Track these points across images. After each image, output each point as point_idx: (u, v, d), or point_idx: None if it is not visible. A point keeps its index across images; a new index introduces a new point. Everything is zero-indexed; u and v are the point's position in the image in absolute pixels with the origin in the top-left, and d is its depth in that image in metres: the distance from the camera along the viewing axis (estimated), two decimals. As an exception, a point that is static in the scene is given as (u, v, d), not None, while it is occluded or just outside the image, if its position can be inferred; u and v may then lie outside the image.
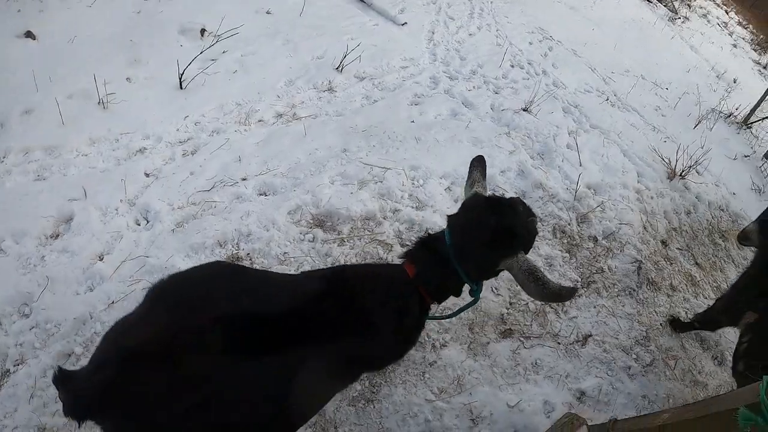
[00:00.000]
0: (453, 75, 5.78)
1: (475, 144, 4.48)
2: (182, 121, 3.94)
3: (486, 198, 1.98)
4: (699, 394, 3.38)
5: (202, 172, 3.51)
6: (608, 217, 4.31)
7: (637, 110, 7.02)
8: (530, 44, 7.52)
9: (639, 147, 5.70)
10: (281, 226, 3.18)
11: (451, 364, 2.86)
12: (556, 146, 4.90)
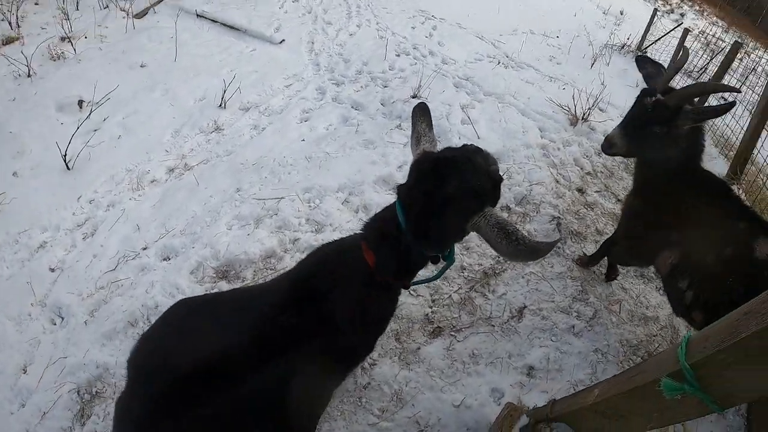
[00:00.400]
0: (339, 80, 5.76)
1: (366, 147, 4.47)
2: (76, 203, 3.83)
3: (436, 158, 1.70)
4: (652, 328, 3.39)
5: (104, 252, 3.41)
6: (517, 182, 4.36)
7: (532, 65, 7.16)
8: (413, 29, 7.57)
9: (537, 102, 5.80)
10: (185, 290, 3.09)
11: (385, 381, 2.80)
12: (450, 125, 4.93)
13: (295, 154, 4.33)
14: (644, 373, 1.53)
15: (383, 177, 4.07)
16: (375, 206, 3.75)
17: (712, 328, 1.31)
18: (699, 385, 1.29)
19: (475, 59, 6.87)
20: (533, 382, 2.96)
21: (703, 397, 1.30)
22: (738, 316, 1.21)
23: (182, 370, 1.47)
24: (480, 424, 2.66)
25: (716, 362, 1.24)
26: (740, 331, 1.15)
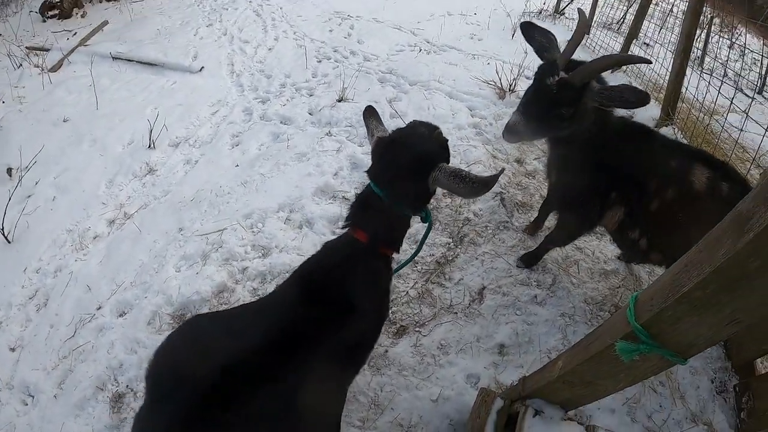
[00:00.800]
0: (264, 98, 5.71)
1: (299, 160, 4.45)
2: (23, 275, 3.74)
3: (388, 138, 2.01)
4: (614, 281, 3.48)
5: (60, 320, 3.35)
6: (454, 165, 4.44)
7: (454, 46, 7.20)
8: (331, 32, 7.52)
9: (463, 82, 5.87)
10: (146, 342, 3.06)
11: (360, 391, 2.81)
12: (384, 118, 4.91)
13: (230, 181, 4.31)
14: (599, 339, 1.58)
15: (320, 188, 4.08)
16: (317, 219, 3.78)
17: (655, 286, 1.34)
18: (655, 342, 1.32)
19: (396, 51, 6.88)
20: (507, 359, 3.02)
21: (662, 352, 1.34)
22: (678, 269, 1.24)
23: (204, 379, 1.52)
24: (461, 412, 2.70)
25: (666, 318, 1.27)
26: (683, 284, 1.17)
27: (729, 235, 1.05)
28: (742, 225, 1.01)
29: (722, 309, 1.14)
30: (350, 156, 4.43)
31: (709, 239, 1.14)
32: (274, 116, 5.25)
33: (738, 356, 3.13)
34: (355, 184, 4.16)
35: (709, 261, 1.08)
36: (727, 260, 1.02)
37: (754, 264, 1.00)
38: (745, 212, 1.02)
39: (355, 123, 4.95)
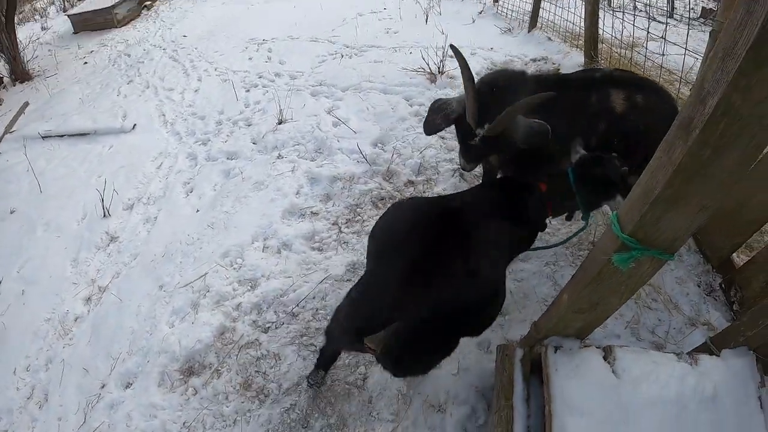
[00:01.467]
0: (204, 139, 5.64)
1: (258, 189, 4.42)
2: (14, 377, 3.59)
3: (591, 156, 2.51)
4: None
5: (66, 411, 3.22)
6: (407, 155, 4.51)
7: (373, 44, 7.29)
8: (251, 59, 7.51)
9: (393, 76, 5.95)
10: (162, 404, 3.01)
11: (383, 387, 2.82)
12: (324, 133, 4.96)
13: (196, 228, 4.26)
14: (595, 260, 1.70)
15: (287, 209, 4.10)
16: (293, 239, 3.80)
17: (631, 198, 1.47)
18: (644, 245, 1.46)
19: (319, 63, 6.90)
20: (509, 318, 3.11)
21: (652, 253, 1.48)
22: (646, 178, 1.37)
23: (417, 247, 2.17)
24: (483, 377, 2.79)
25: (647, 222, 1.40)
26: (654, 189, 1.31)
27: (680, 137, 1.20)
28: (687, 126, 1.16)
29: (690, 200, 1.29)
30: (306, 172, 4.45)
31: (665, 146, 1.28)
32: (220, 154, 5.21)
33: (715, 256, 3.32)
34: (318, 197, 4.20)
35: (670, 163, 1.23)
36: (683, 158, 1.18)
37: (705, 154, 1.15)
38: (687, 115, 1.16)
39: (301, 140, 4.96)
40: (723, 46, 1.04)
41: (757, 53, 0.95)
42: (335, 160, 4.54)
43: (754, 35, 0.93)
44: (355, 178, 4.31)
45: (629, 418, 1.90)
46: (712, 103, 1.06)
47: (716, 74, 1.05)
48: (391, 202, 4.03)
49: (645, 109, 2.77)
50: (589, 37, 5.71)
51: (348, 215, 3.98)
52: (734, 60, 0.99)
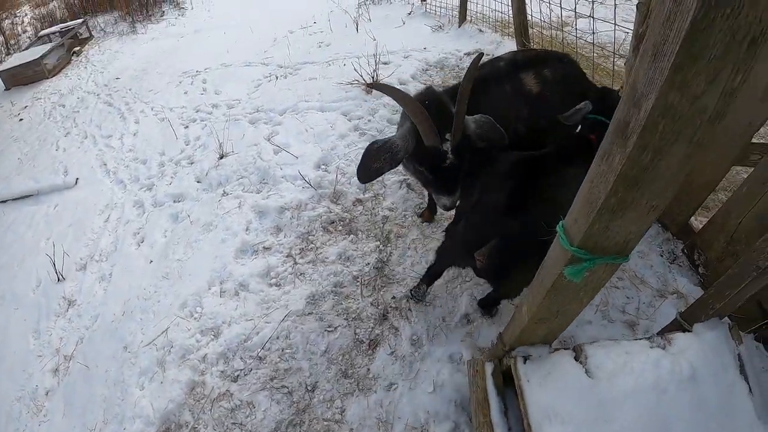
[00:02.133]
0: (148, 184, 5.46)
1: (207, 231, 4.30)
2: None
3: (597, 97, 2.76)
4: None
5: None
6: (352, 173, 4.46)
7: (306, 61, 7.24)
8: (186, 93, 7.36)
9: (328, 92, 5.90)
10: None
11: (362, 417, 2.80)
12: (266, 162, 4.86)
13: (152, 280, 4.12)
14: (548, 272, 1.67)
15: (239, 248, 4.00)
16: (249, 279, 3.71)
17: (575, 209, 1.44)
18: (595, 254, 1.43)
19: (255, 87, 6.81)
20: (476, 325, 3.14)
21: (605, 260, 1.45)
22: (587, 188, 1.34)
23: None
24: (460, 390, 2.80)
25: (595, 232, 1.37)
26: (597, 198, 1.28)
27: (617, 143, 1.15)
28: (624, 131, 1.11)
29: (638, 203, 1.25)
30: (253, 206, 4.35)
31: (602, 153, 1.24)
32: (166, 198, 5.05)
33: (673, 223, 3.41)
34: (268, 230, 4.11)
35: (610, 171, 1.19)
36: (624, 164, 1.12)
37: (646, 158, 1.11)
38: (623, 120, 1.12)
39: (244, 173, 4.86)
40: (652, 43, 0.99)
41: (691, 46, 0.89)
42: (280, 190, 4.46)
43: (686, 28, 0.87)
44: (302, 205, 4.24)
45: (609, 415, 1.91)
46: (648, 105, 1.01)
47: (648, 74, 1.01)
48: (345, 225, 4.01)
49: (556, 80, 2.94)
50: (518, 24, 5.77)
51: (301, 245, 3.91)
52: (666, 57, 0.94)
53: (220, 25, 10.45)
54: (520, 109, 2.93)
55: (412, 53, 6.83)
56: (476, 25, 7.10)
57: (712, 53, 0.89)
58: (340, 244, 3.84)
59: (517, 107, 2.92)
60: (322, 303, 3.45)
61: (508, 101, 2.88)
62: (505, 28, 6.71)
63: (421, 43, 7.13)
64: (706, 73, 0.93)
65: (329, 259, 3.75)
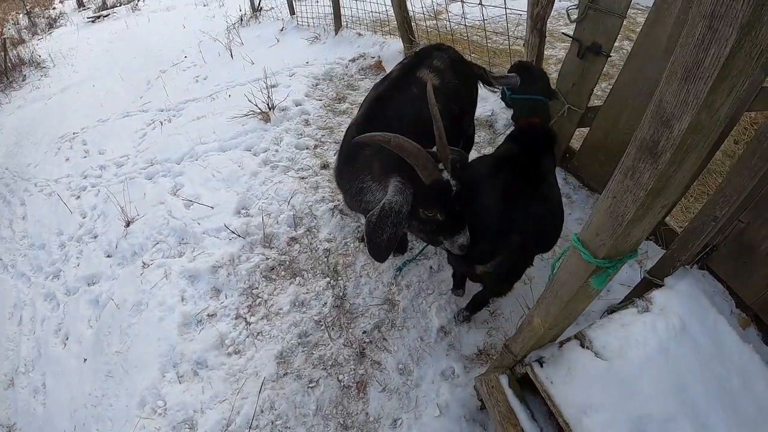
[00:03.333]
0: (54, 272, 4.70)
1: (140, 311, 3.71)
2: None
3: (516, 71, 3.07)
4: None
5: None
6: (276, 211, 4.18)
7: (188, 99, 6.87)
8: (68, 160, 6.54)
9: (224, 129, 5.54)
10: None
11: None
12: (180, 219, 4.38)
13: (94, 382, 3.52)
14: (566, 285, 1.67)
15: (181, 323, 3.51)
16: (205, 353, 3.31)
17: (595, 224, 1.44)
18: (616, 260, 1.45)
19: (140, 138, 6.25)
20: (454, 334, 3.15)
21: (623, 261, 1.48)
22: (608, 203, 1.35)
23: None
24: (466, 405, 2.79)
25: (619, 242, 1.39)
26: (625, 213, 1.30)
27: (645, 161, 1.16)
28: (653, 149, 1.13)
29: (655, 208, 1.29)
30: (181, 273, 3.87)
31: (626, 170, 1.25)
32: (78, 283, 4.41)
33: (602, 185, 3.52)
34: (206, 295, 3.68)
35: (638, 187, 1.21)
36: (655, 180, 1.15)
37: (671, 170, 1.14)
38: (650, 138, 1.13)
39: (158, 237, 4.34)
40: (682, 66, 1.00)
41: (725, 70, 0.92)
42: (206, 247, 4.03)
43: (725, 54, 0.90)
44: (235, 258, 3.86)
45: (633, 390, 1.97)
46: (682, 125, 1.04)
47: (680, 96, 1.02)
48: (283, 269, 3.73)
49: (447, 66, 3.08)
50: (401, 21, 5.71)
51: (247, 302, 3.56)
52: (703, 81, 0.96)
53: (88, 78, 9.52)
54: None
55: (296, 70, 6.59)
56: (354, 30, 6.95)
57: (736, 72, 0.94)
58: (289, 291, 3.56)
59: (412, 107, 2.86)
60: (293, 359, 3.17)
61: (420, 102, 2.78)
62: (383, 27, 6.60)
63: (301, 57, 6.91)
64: (728, 89, 0.98)
65: (283, 309, 3.46)
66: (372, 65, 6.49)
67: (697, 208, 3.32)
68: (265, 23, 8.80)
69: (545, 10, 3.68)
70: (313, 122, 5.40)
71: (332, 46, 7.03)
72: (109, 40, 11.79)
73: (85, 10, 17.60)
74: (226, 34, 8.56)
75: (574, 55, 3.52)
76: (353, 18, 7.07)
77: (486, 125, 4.82)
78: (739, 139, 4.23)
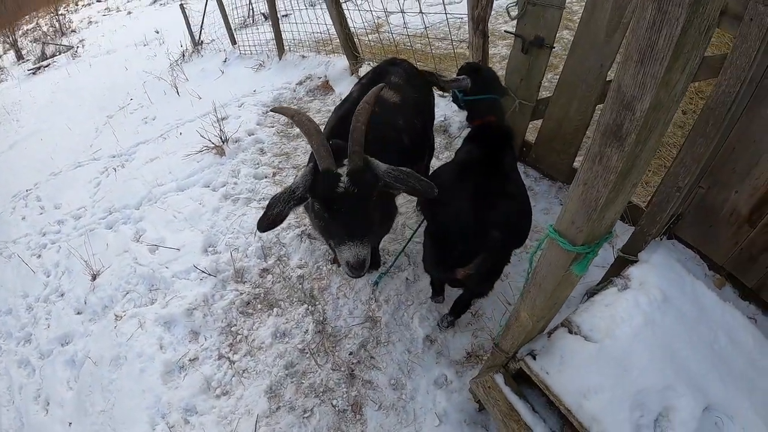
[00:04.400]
0: (24, 336, 4.45)
1: (119, 365, 3.54)
2: None
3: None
4: None
5: None
6: (243, 244, 4.14)
7: (138, 142, 6.78)
8: (24, 219, 6.25)
9: (180, 168, 5.46)
10: None
11: None
12: (147, 266, 4.24)
13: None
14: (549, 276, 1.68)
15: (163, 372, 3.38)
16: (191, 400, 3.19)
17: (569, 212, 1.44)
18: (594, 244, 1.47)
19: (95, 188, 6.07)
20: (440, 342, 3.15)
21: (601, 244, 1.49)
22: (581, 190, 1.35)
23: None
24: (464, 410, 2.78)
25: (595, 227, 1.40)
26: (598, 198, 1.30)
27: (612, 145, 1.18)
28: (617, 133, 1.15)
29: (626, 188, 1.32)
30: (156, 320, 3.74)
31: (593, 156, 1.25)
32: (51, 345, 4.20)
33: (561, 173, 3.99)
34: (185, 339, 3.57)
35: (608, 171, 1.23)
36: (623, 162, 1.17)
37: (637, 149, 1.16)
38: (613, 122, 1.15)
39: (127, 286, 4.19)
40: (637, 50, 1.02)
41: (679, 49, 0.95)
42: (177, 291, 3.91)
43: (677, 34, 0.93)
44: (208, 298, 3.76)
45: (627, 366, 1.99)
46: (643, 106, 1.05)
47: (638, 78, 1.04)
48: (259, 302, 3.66)
49: (404, 81, 3.11)
50: (344, 39, 5.74)
51: (227, 341, 3.47)
52: (659, 62, 0.98)
53: (35, 132, 9.22)
54: (396, 121, 2.90)
55: (245, 100, 6.54)
56: (297, 53, 6.92)
57: (687, 48, 0.97)
58: (268, 323, 3.49)
59: (393, 122, 2.89)
60: (284, 391, 3.10)
61: (382, 121, 2.79)
62: (326, 46, 6.60)
63: (248, 87, 6.85)
64: (681, 66, 1.01)
65: (265, 343, 3.38)
66: (320, 86, 6.48)
67: (656, 182, 3.38)
68: (208, 56, 8.71)
69: (485, 10, 3.74)
70: (268, 150, 5.36)
71: (278, 71, 6.99)
72: (53, 91, 11.50)
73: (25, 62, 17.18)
74: (170, 71, 8.42)
75: (519, 51, 3.58)
76: (295, 41, 7.04)
77: (440, 130, 4.83)
78: (687, 110, 4.35)
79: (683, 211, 2.70)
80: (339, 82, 6.30)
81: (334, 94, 6.25)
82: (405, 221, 3.98)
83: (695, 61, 1.04)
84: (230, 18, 9.08)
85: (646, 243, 2.57)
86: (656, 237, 2.59)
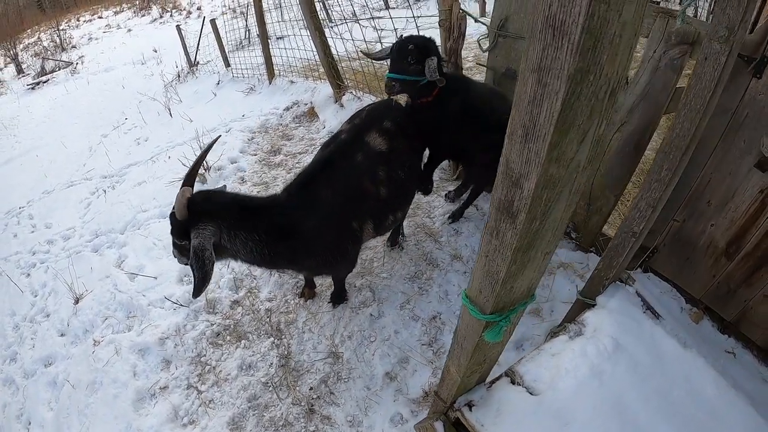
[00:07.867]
0: (10, 354, 4.53)
1: (95, 390, 3.65)
2: None
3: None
4: (411, 269, 3.85)
5: None
6: (217, 275, 4.22)
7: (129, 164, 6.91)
8: (16, 236, 6.34)
9: (163, 195, 5.59)
10: None
11: None
12: (126, 293, 4.32)
13: None
14: (468, 338, 1.66)
15: (135, 398, 3.46)
16: (159, 427, 3.28)
17: (476, 281, 1.43)
18: (508, 311, 1.45)
19: (85, 209, 6.17)
20: (400, 379, 3.19)
21: (517, 311, 1.49)
22: (483, 263, 1.33)
23: None
24: None
25: (503, 297, 1.39)
26: (498, 271, 1.29)
27: (504, 221, 1.15)
28: (509, 210, 1.11)
29: (534, 258, 1.28)
30: (131, 347, 3.83)
31: (490, 231, 1.23)
32: (35, 365, 4.29)
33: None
34: (157, 367, 3.66)
35: (504, 246, 1.20)
36: (518, 236, 1.13)
37: (536, 224, 1.12)
38: (504, 199, 1.11)
39: (107, 312, 4.28)
40: (520, 125, 0.95)
41: (563, 123, 0.88)
42: (152, 319, 4.02)
43: (557, 108, 0.85)
44: (181, 328, 3.86)
45: (567, 419, 1.95)
46: (530, 184, 1.00)
47: (523, 155, 0.98)
48: (228, 333, 3.79)
49: (394, 128, 3.08)
50: (328, 67, 5.85)
51: (197, 371, 3.57)
52: (542, 138, 0.91)
53: (31, 148, 9.33)
54: (376, 172, 2.95)
55: (233, 125, 6.66)
56: (286, 77, 7.06)
57: (581, 120, 0.90)
58: (236, 355, 3.60)
59: (372, 173, 2.94)
60: (245, 423, 3.18)
61: (362, 171, 2.90)
62: (313, 72, 6.74)
63: (238, 111, 6.98)
64: (578, 137, 0.94)
65: (231, 374, 3.47)
66: (306, 112, 6.62)
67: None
68: (202, 77, 8.84)
69: (457, 42, 3.82)
70: (248, 179, 5.49)
71: (267, 95, 7.13)
72: (51, 107, 11.62)
73: (25, 76, 17.29)
74: (164, 92, 8.55)
75: (491, 82, 3.65)
76: (285, 66, 7.19)
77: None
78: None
79: (658, 245, 2.67)
80: (324, 109, 6.42)
81: (318, 121, 6.39)
82: (373, 256, 4.10)
83: (602, 128, 0.97)
84: (224, 40, 9.22)
85: (604, 287, 2.53)
86: (614, 281, 2.55)
